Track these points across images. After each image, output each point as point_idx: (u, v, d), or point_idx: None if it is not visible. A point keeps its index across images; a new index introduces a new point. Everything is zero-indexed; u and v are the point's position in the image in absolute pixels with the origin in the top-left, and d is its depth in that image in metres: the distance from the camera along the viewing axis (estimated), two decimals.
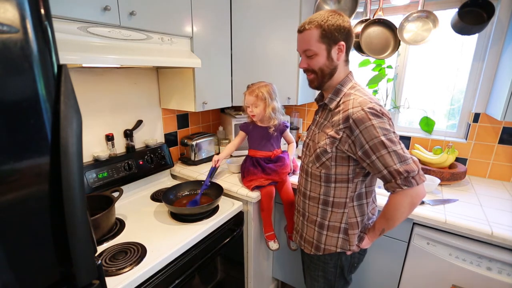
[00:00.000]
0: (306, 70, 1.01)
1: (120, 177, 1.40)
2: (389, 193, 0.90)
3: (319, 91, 1.08)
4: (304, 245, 1.11)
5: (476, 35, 1.53)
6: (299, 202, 1.13)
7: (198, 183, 1.47)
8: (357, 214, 1.00)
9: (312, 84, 1.02)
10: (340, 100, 0.96)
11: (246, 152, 1.58)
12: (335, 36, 0.91)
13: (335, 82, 0.99)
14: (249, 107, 1.42)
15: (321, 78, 0.98)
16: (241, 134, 1.54)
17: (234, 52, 1.72)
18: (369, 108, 0.86)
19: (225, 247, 1.30)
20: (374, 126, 0.84)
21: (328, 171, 0.96)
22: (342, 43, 0.92)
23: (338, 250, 1.03)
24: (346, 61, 0.99)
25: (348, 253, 1.04)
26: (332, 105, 0.97)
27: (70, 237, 0.56)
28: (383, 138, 0.84)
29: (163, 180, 1.69)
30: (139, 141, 1.61)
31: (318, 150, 0.97)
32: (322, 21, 0.90)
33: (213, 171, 1.53)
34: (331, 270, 1.08)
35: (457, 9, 1.41)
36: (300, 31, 0.95)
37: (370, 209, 1.04)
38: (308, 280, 1.19)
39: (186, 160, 1.83)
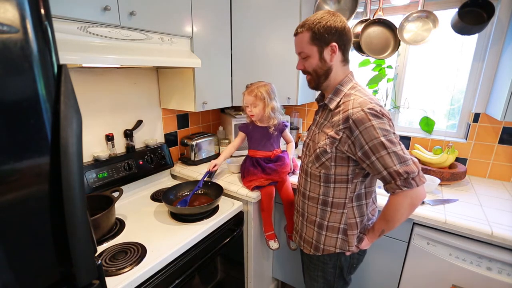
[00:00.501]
0: (303, 72, 1.03)
1: (120, 177, 1.40)
2: (389, 194, 0.90)
3: (320, 91, 1.08)
4: (304, 245, 1.11)
5: (476, 35, 1.53)
6: (299, 202, 1.13)
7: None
8: (356, 215, 1.00)
9: (310, 85, 1.05)
10: (340, 101, 0.96)
11: (246, 152, 1.58)
12: (325, 37, 0.91)
13: (334, 82, 0.99)
14: (248, 107, 1.42)
15: (316, 79, 1.00)
16: (241, 135, 1.54)
17: (234, 52, 1.72)
18: (369, 108, 0.86)
19: (225, 247, 1.30)
20: (374, 126, 0.84)
21: (328, 171, 0.96)
22: (334, 44, 0.92)
23: (337, 250, 1.03)
24: (344, 61, 0.98)
25: (347, 253, 1.04)
26: (332, 105, 0.97)
27: (70, 237, 0.56)
28: (383, 139, 0.83)
29: (163, 180, 1.69)
30: (139, 141, 1.61)
31: (318, 150, 0.97)
32: (313, 23, 0.91)
33: (208, 174, 1.53)
34: (330, 271, 1.08)
35: (457, 9, 1.41)
36: (295, 34, 0.98)
37: (370, 210, 1.04)
38: (308, 280, 1.19)
39: (186, 160, 1.83)
